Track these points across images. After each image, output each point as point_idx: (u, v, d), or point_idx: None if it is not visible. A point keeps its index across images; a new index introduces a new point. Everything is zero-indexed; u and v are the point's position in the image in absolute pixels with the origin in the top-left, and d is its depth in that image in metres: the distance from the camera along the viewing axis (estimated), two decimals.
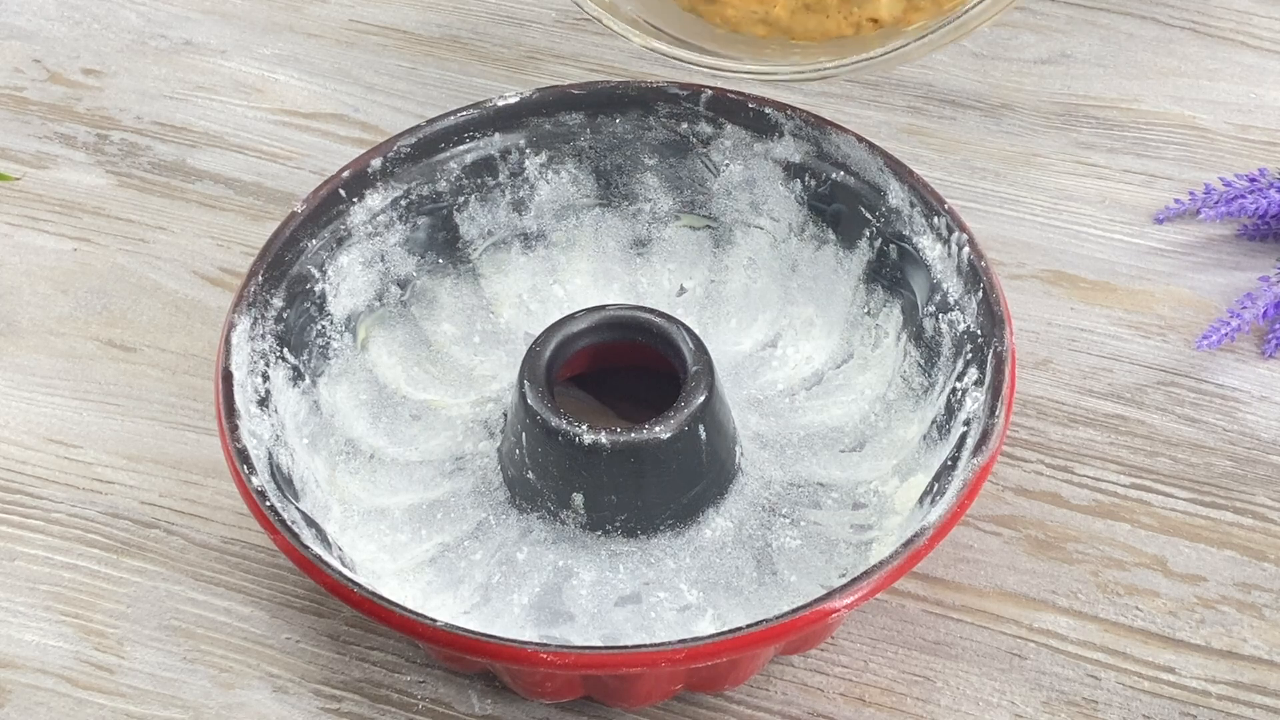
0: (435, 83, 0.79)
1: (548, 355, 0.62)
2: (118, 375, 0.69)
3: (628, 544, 0.61)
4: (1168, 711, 0.59)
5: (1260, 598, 0.62)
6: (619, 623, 0.60)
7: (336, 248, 0.66)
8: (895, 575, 0.55)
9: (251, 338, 0.62)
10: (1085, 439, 0.66)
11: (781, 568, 0.61)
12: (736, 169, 0.68)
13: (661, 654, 0.54)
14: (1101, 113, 0.77)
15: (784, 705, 0.60)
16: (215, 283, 0.72)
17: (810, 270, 0.68)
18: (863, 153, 0.66)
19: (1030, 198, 0.74)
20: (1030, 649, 0.61)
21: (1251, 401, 0.67)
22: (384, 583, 0.61)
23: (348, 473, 0.64)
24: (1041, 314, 0.70)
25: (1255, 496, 0.64)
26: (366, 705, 0.60)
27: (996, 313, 0.61)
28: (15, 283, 0.72)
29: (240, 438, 0.59)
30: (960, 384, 0.61)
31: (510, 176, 0.69)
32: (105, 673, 0.61)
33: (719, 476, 0.62)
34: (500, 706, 0.60)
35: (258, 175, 0.76)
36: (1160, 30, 0.81)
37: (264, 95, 0.79)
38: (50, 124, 0.78)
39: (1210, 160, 0.75)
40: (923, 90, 0.79)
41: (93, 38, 0.82)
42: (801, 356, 0.67)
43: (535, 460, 0.61)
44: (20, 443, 0.67)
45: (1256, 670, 0.60)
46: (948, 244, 0.64)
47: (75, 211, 0.75)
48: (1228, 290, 0.70)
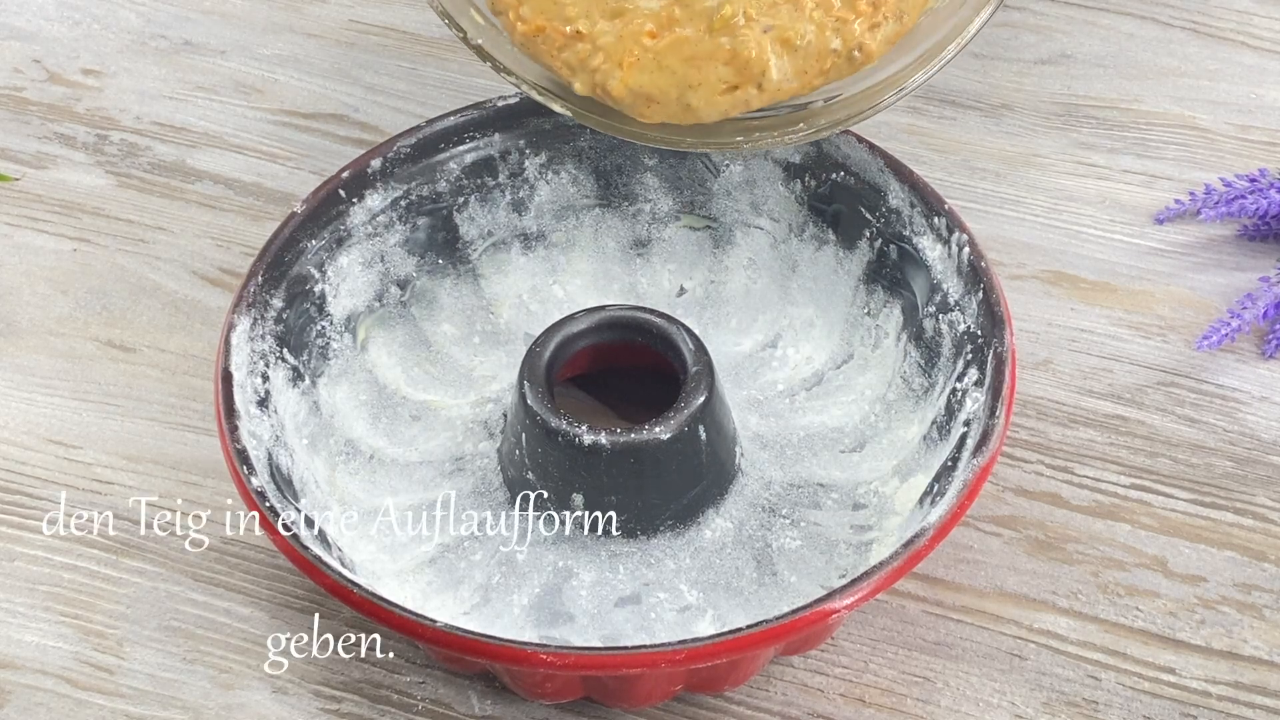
0: (435, 83, 0.79)
1: (548, 356, 0.62)
2: (117, 375, 0.69)
3: (628, 545, 0.61)
4: (1168, 712, 0.59)
5: (1260, 598, 0.62)
6: (619, 623, 0.60)
7: (336, 248, 0.66)
8: (895, 576, 0.55)
9: (251, 338, 0.62)
10: (1085, 439, 0.66)
11: (781, 568, 0.61)
12: (736, 169, 0.68)
13: (661, 655, 0.54)
14: (1101, 113, 0.77)
15: (784, 706, 0.60)
16: (215, 283, 0.72)
17: (810, 271, 0.68)
18: (863, 153, 0.66)
19: (1030, 198, 0.74)
20: (1030, 649, 0.61)
21: (1251, 402, 0.67)
22: (384, 583, 0.61)
23: (347, 473, 0.64)
24: (1041, 314, 0.70)
25: (1255, 497, 0.64)
26: (366, 705, 0.60)
27: (997, 313, 0.61)
28: (15, 283, 0.72)
29: (240, 438, 0.59)
30: (960, 384, 0.61)
31: (510, 177, 0.69)
32: (105, 673, 0.61)
33: (719, 477, 0.62)
34: (500, 707, 0.60)
35: (258, 175, 0.76)
36: (1160, 30, 0.81)
37: (264, 95, 0.79)
38: (50, 124, 0.78)
39: (1210, 160, 0.75)
40: (923, 90, 0.79)
41: (93, 38, 0.82)
42: (801, 357, 0.67)
43: (535, 461, 0.61)
44: (20, 443, 0.67)
45: (1257, 671, 0.60)
46: (948, 244, 0.64)
47: (75, 212, 0.75)
48: (1228, 290, 0.70)
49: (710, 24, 0.63)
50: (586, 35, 0.64)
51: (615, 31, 0.63)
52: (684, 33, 0.63)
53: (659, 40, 0.63)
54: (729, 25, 0.63)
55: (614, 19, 0.64)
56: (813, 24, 0.63)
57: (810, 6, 0.63)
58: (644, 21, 0.63)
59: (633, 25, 0.63)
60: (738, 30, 0.63)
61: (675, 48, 0.63)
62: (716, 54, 0.63)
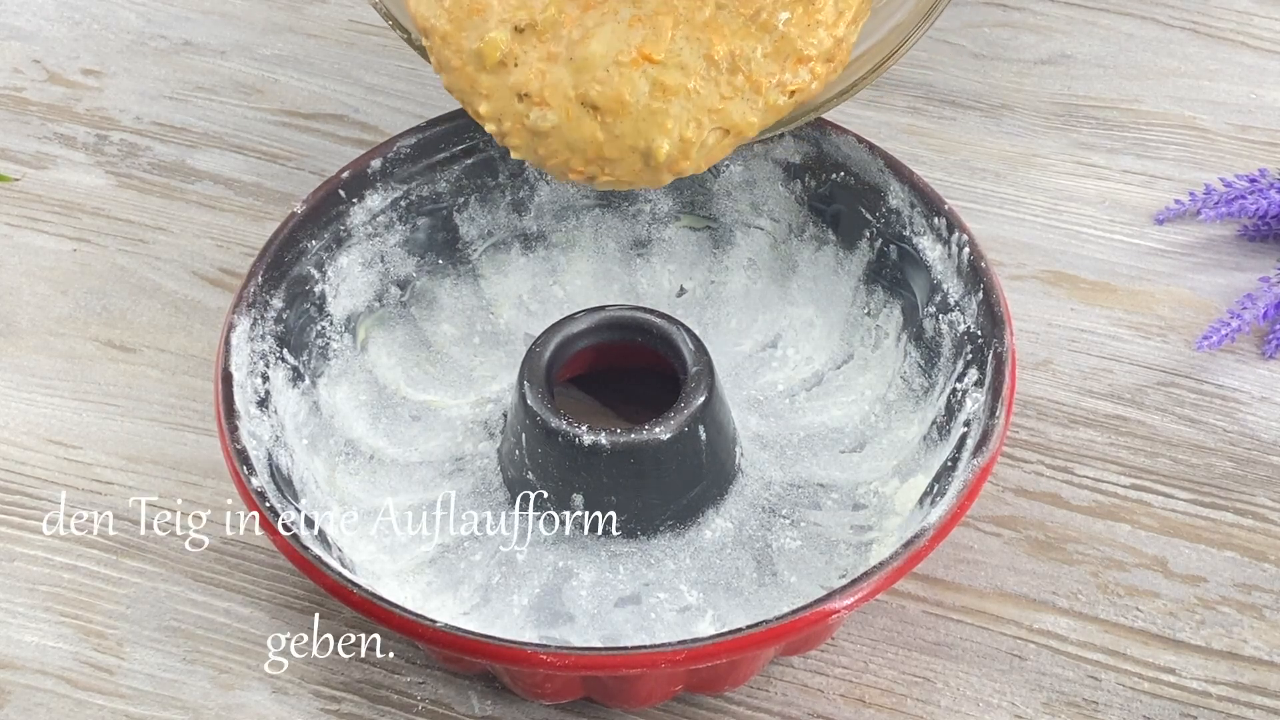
0: (435, 83, 0.79)
1: (548, 356, 0.62)
2: (117, 376, 0.69)
3: (628, 545, 0.61)
4: (1168, 712, 0.59)
5: (1261, 599, 0.62)
6: (619, 624, 0.60)
7: (336, 248, 0.66)
8: (895, 576, 0.55)
9: (251, 338, 0.62)
10: (1085, 439, 0.66)
11: (781, 568, 0.61)
12: (736, 170, 0.68)
13: (662, 655, 0.54)
14: (1101, 113, 0.77)
15: (784, 706, 0.60)
16: (215, 283, 0.72)
17: (810, 271, 0.68)
18: (863, 153, 0.66)
19: (1030, 198, 0.74)
20: (1030, 650, 0.61)
21: (1251, 402, 0.67)
22: (384, 583, 0.61)
23: (347, 473, 0.64)
24: (1041, 314, 0.70)
25: (1255, 497, 0.64)
26: (366, 706, 0.60)
27: (997, 313, 0.61)
28: (15, 283, 0.72)
29: (240, 438, 0.59)
30: (960, 385, 0.61)
31: (510, 177, 0.69)
32: (105, 673, 0.61)
33: (719, 477, 0.62)
34: (500, 707, 0.60)
35: (258, 175, 0.76)
36: (1160, 30, 0.81)
37: (264, 95, 0.79)
38: (50, 124, 0.78)
39: (1210, 160, 0.75)
40: (923, 91, 0.79)
41: (93, 38, 0.82)
42: (801, 357, 0.67)
43: (535, 461, 0.61)
44: (20, 443, 0.67)
45: (1257, 671, 0.60)
46: (948, 245, 0.64)
47: (75, 212, 0.75)
48: (1228, 291, 0.70)
49: (638, 149, 0.62)
50: (494, 126, 0.63)
51: (536, 148, 0.63)
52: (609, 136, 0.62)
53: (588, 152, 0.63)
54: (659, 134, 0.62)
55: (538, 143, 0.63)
56: (740, 97, 0.62)
57: (728, 81, 0.62)
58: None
59: (551, 146, 0.63)
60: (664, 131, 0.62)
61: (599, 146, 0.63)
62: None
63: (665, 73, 0.61)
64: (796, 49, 0.61)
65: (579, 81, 0.61)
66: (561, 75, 0.61)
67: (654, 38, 0.61)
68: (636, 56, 0.61)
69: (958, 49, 0.81)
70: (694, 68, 0.61)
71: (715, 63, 0.61)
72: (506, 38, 0.61)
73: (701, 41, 0.61)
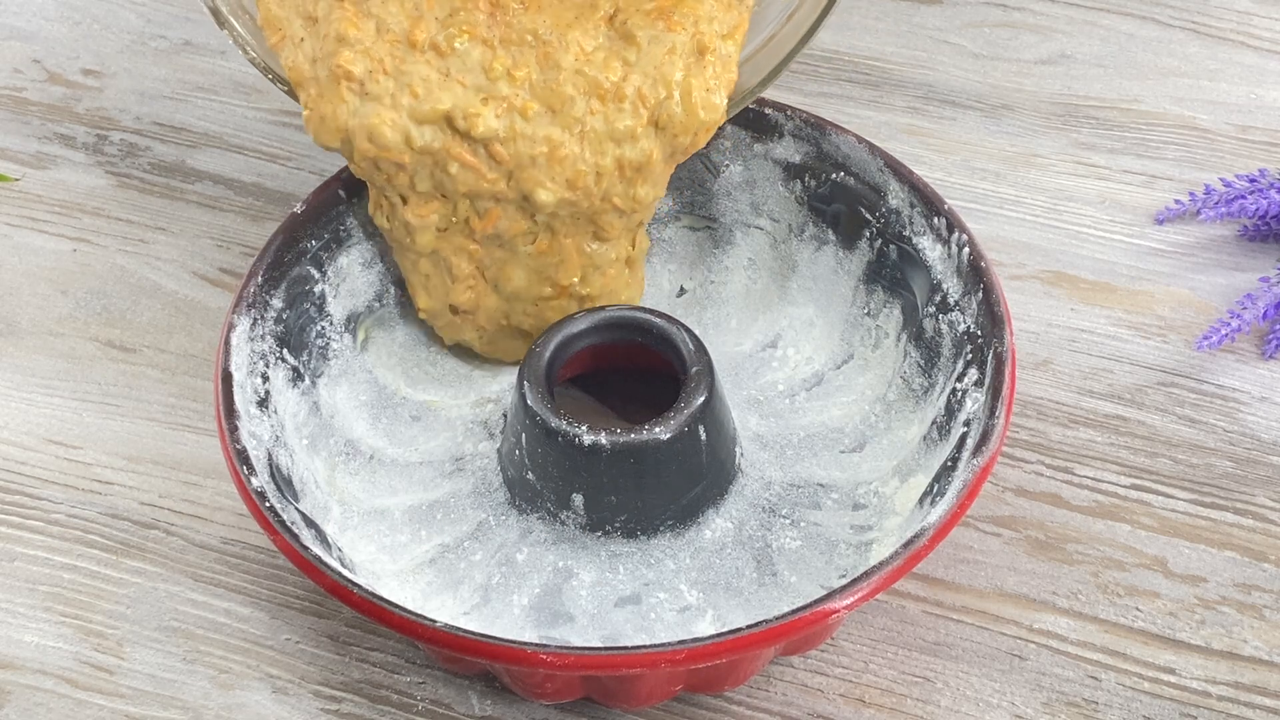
0: None
1: (548, 356, 0.62)
2: (117, 376, 0.69)
3: (628, 545, 0.61)
4: (1168, 712, 0.59)
5: (1260, 599, 0.62)
6: (619, 623, 0.60)
7: (336, 248, 0.66)
8: (895, 576, 0.55)
9: (251, 338, 0.62)
10: (1085, 440, 0.66)
11: (781, 568, 0.61)
12: (736, 169, 0.68)
13: (662, 655, 0.54)
14: (1101, 113, 0.77)
15: (784, 706, 0.60)
16: (215, 283, 0.72)
17: (810, 271, 0.68)
18: (863, 153, 0.66)
19: (1030, 198, 0.74)
20: (1030, 650, 0.61)
21: (1251, 402, 0.67)
22: (384, 584, 0.61)
23: (347, 473, 0.64)
24: (1041, 314, 0.70)
25: (1255, 497, 0.64)
26: (366, 706, 0.60)
27: (997, 313, 0.61)
28: (15, 283, 0.72)
29: (240, 438, 0.59)
30: (960, 385, 0.61)
31: None
32: (105, 674, 0.61)
33: (719, 477, 0.62)
34: (500, 707, 0.60)
35: (258, 175, 0.76)
36: (1160, 30, 0.81)
37: (264, 95, 0.79)
38: (50, 124, 0.78)
39: (1210, 161, 0.75)
40: (923, 90, 0.79)
41: (92, 38, 0.82)
42: (801, 357, 0.67)
43: (535, 461, 0.61)
44: (20, 443, 0.67)
45: (1257, 671, 0.60)
46: (948, 244, 0.64)
47: (75, 212, 0.75)
48: (1228, 291, 0.70)
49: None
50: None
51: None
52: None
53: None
54: None
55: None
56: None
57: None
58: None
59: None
60: None
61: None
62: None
63: None
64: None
65: (511, 310, 0.66)
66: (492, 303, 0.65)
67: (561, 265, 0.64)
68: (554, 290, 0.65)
69: (958, 49, 0.81)
70: None
71: None
72: None
73: None
